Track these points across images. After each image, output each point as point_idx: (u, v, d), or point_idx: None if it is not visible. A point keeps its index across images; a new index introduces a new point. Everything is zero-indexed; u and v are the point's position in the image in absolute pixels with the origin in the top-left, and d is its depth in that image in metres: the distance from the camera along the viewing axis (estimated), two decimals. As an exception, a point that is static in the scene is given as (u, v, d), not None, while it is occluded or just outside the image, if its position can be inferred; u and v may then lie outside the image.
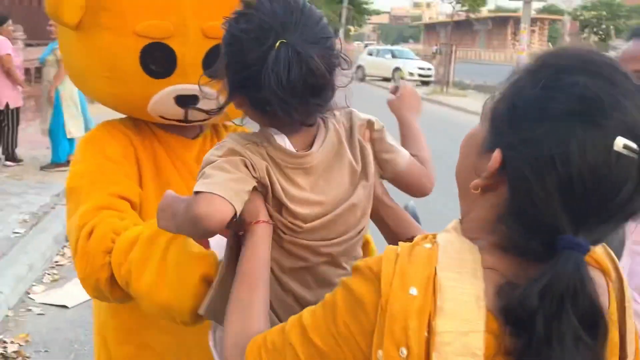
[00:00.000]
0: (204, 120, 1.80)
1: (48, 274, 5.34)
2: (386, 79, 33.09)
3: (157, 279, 1.44)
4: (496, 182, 0.99)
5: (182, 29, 1.69)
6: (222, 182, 1.21)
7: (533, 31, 53.34)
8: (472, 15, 35.29)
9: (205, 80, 1.36)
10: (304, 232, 1.31)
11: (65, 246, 5.97)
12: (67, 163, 8.55)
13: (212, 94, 1.36)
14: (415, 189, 1.55)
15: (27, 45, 11.53)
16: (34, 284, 5.12)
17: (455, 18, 34.35)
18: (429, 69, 32.23)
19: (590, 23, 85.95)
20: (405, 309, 0.93)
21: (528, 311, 0.90)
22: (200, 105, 1.70)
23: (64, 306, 4.78)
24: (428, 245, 1.00)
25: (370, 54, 36.07)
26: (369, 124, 1.46)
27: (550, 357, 0.88)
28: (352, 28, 64.23)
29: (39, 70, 11.78)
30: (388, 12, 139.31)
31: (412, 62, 33.44)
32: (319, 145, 1.33)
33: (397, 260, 0.98)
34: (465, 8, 31.14)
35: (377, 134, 1.47)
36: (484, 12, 55.86)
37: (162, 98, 1.73)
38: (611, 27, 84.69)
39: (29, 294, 4.95)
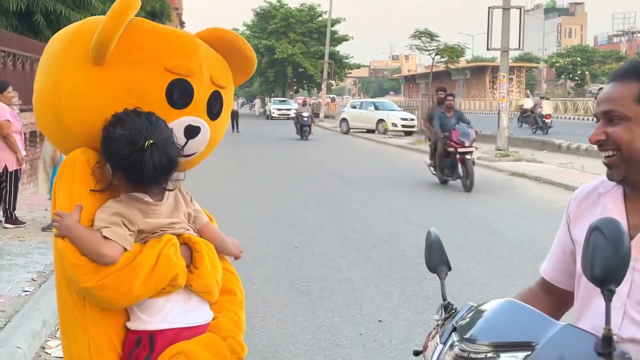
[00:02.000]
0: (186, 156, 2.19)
1: (61, 330, 5.47)
2: (370, 131, 33.58)
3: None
4: None
5: (200, 72, 2.09)
6: (122, 234, 1.92)
7: (511, 79, 54.35)
8: (451, 66, 35.96)
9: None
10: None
11: (74, 302, 6.10)
12: (68, 223, 8.69)
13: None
14: (215, 246, 2.25)
15: (22, 110, 11.77)
16: (48, 339, 5.25)
17: (434, 69, 35.02)
18: (412, 119, 32.78)
19: (566, 69, 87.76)
20: None
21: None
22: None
23: None
24: None
25: (354, 107, 36.63)
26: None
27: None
28: (333, 82, 65.16)
29: (33, 134, 12.03)
30: (367, 66, 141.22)
31: (395, 113, 33.98)
32: (166, 199, 2.06)
33: None
34: (444, 59, 31.81)
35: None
36: (462, 62, 56.94)
37: (176, 125, 2.06)
38: (586, 72, 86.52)
39: (44, 348, 5.08)
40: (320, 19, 62.49)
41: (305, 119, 28.97)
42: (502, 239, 8.94)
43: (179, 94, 2.04)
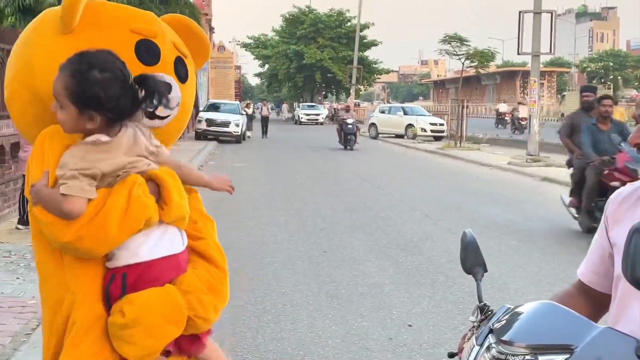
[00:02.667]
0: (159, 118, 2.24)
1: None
2: (399, 136, 33.48)
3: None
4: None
5: (162, 35, 2.26)
6: (79, 186, 1.91)
7: (542, 84, 53.86)
8: (481, 71, 35.70)
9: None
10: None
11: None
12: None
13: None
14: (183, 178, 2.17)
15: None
16: (79, 340, 5.29)
17: (464, 74, 34.82)
18: (441, 124, 32.62)
19: (598, 74, 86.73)
20: None
21: None
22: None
23: None
24: None
25: (383, 112, 36.55)
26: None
27: None
28: (362, 87, 65.11)
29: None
30: (396, 71, 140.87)
31: (424, 118, 33.85)
32: (124, 132, 2.02)
33: None
34: (474, 64, 31.60)
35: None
36: (492, 67, 56.60)
37: None
38: (619, 77, 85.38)
39: (75, 349, 5.12)
40: (349, 24, 62.48)
41: (350, 126, 26.05)
42: (533, 245, 8.84)
43: (147, 52, 2.17)
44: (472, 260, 1.99)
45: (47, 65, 2.08)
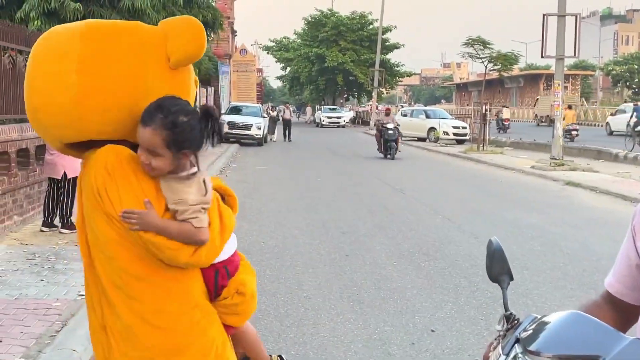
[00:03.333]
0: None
1: (115, 333, 5.55)
2: (421, 139, 33.36)
3: None
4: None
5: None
6: (204, 218, 2.25)
7: (566, 87, 53.49)
8: (504, 74, 35.42)
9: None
10: None
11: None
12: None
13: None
14: None
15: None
16: (102, 342, 5.32)
17: (487, 77, 34.56)
18: (464, 127, 32.45)
19: (623, 77, 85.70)
20: None
21: None
22: None
23: (133, 363, 4.97)
24: None
25: (405, 115, 36.42)
26: None
27: None
28: (384, 90, 65.00)
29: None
30: (419, 74, 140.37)
31: (446, 121, 33.69)
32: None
33: None
34: (497, 67, 31.38)
35: None
36: (516, 70, 56.22)
37: None
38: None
39: (99, 352, 5.15)
40: (371, 27, 62.48)
41: (391, 132, 23.57)
42: (557, 250, 8.76)
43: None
44: (498, 268, 1.98)
45: (157, 90, 2.29)
